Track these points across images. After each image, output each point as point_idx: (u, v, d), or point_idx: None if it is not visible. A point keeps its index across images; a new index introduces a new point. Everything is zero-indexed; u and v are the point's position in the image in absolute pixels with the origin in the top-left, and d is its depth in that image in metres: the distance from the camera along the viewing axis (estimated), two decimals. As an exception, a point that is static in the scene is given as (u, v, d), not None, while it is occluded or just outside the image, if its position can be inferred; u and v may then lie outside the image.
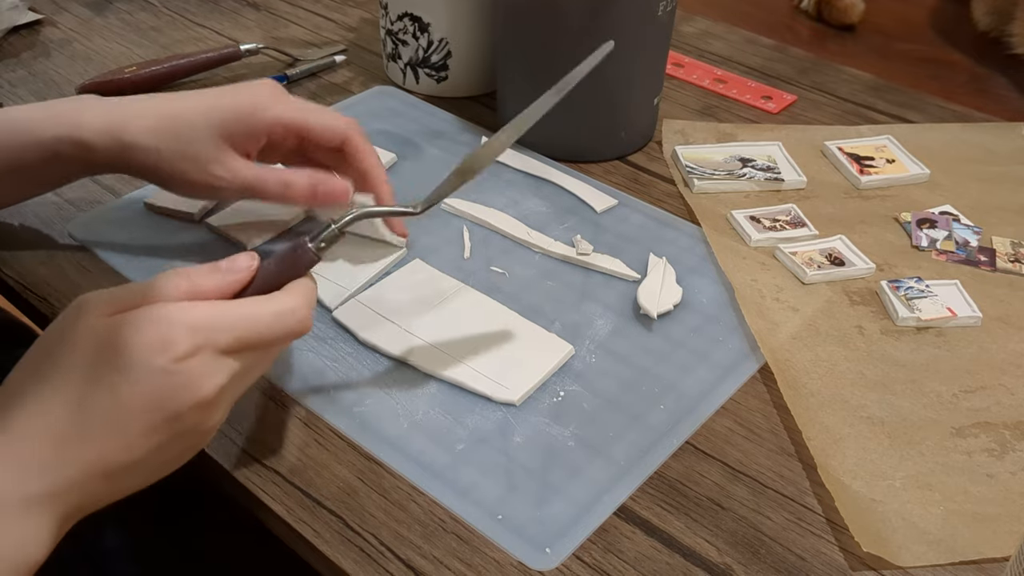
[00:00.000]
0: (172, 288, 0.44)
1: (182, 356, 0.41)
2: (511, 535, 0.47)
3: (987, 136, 0.80)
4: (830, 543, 0.47)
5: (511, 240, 0.66)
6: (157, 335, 0.41)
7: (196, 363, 0.42)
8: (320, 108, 0.61)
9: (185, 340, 0.41)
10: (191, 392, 0.42)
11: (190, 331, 0.42)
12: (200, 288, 0.45)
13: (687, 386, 0.55)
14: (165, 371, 0.41)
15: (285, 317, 0.45)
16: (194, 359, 0.42)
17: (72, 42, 0.89)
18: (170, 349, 0.41)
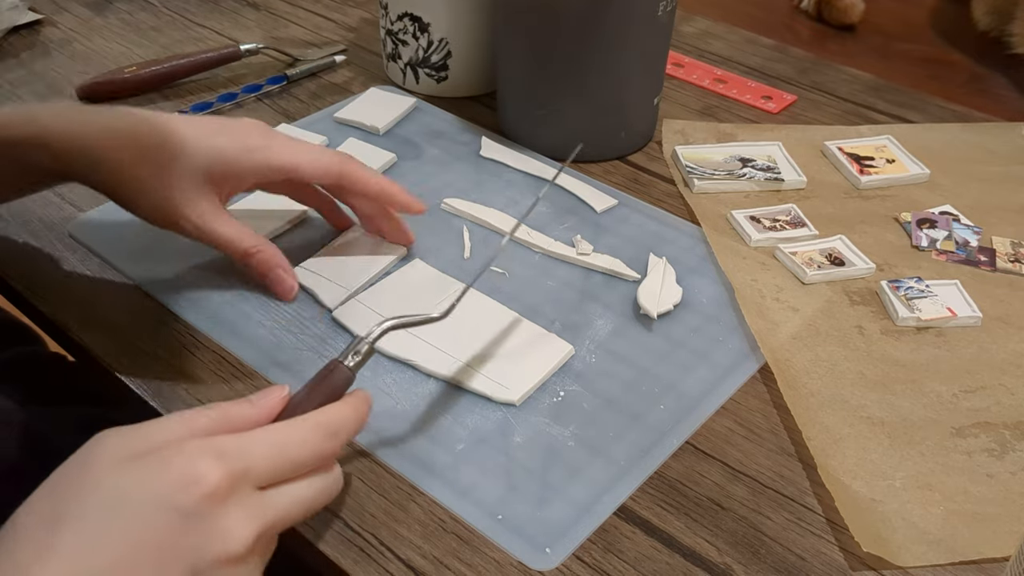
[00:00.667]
0: (200, 420, 0.39)
1: (210, 493, 0.36)
2: (511, 535, 0.47)
3: (987, 136, 0.80)
4: (830, 543, 0.47)
5: (511, 240, 0.66)
6: (183, 470, 0.36)
7: (228, 505, 0.36)
8: (311, 147, 0.59)
9: (214, 471, 0.36)
10: (221, 541, 0.36)
11: (220, 462, 0.36)
12: (230, 420, 0.40)
13: (687, 386, 0.55)
14: (186, 511, 0.35)
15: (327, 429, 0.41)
16: (225, 500, 0.36)
17: (72, 42, 0.89)
18: (196, 485, 0.36)
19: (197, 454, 0.37)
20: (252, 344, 0.57)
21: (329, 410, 0.42)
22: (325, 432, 0.41)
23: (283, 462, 0.39)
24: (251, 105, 0.81)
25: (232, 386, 0.54)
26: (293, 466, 0.40)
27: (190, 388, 0.54)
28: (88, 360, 0.57)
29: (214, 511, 0.36)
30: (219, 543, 0.36)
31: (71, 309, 0.59)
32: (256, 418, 0.41)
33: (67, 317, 0.59)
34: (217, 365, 0.56)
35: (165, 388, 0.54)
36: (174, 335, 0.58)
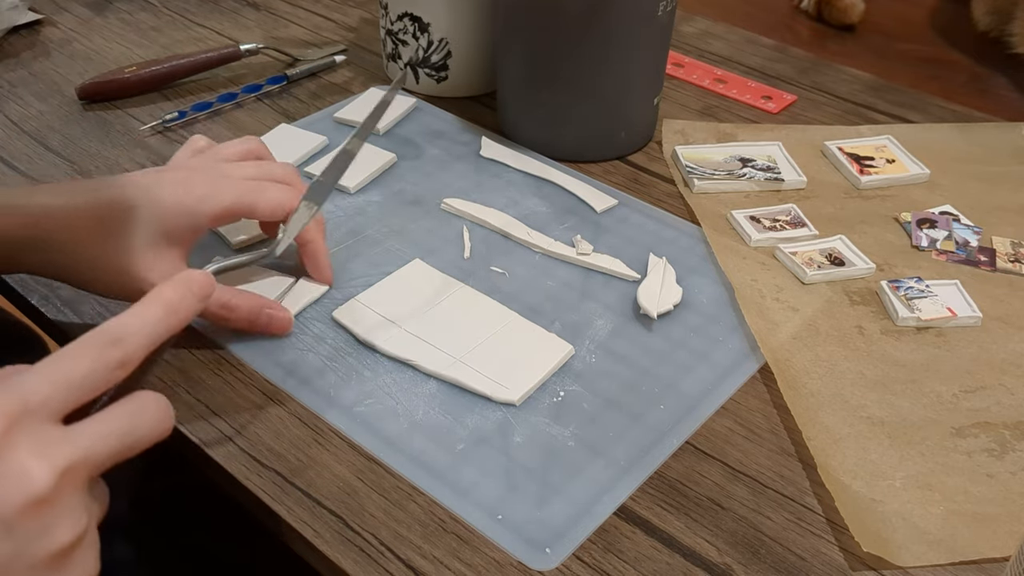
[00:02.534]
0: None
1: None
2: (511, 535, 0.47)
3: (987, 136, 0.80)
4: (830, 543, 0.47)
5: (511, 240, 0.66)
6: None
7: (13, 442, 0.33)
8: (256, 184, 0.55)
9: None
10: (14, 484, 0.32)
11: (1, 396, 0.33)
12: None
13: (687, 386, 0.55)
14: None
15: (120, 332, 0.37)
16: (8, 438, 0.33)
17: (72, 42, 0.89)
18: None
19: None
20: (252, 344, 0.57)
21: (107, 321, 0.38)
22: (105, 339, 0.37)
23: (61, 381, 0.35)
24: (251, 105, 0.81)
25: (232, 386, 0.54)
26: (72, 382, 0.35)
27: (190, 388, 0.54)
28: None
29: (4, 452, 0.33)
30: (14, 485, 0.32)
31: (71, 310, 0.59)
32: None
33: (67, 318, 0.59)
34: (217, 365, 0.56)
35: (165, 388, 0.54)
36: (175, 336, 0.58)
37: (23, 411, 0.34)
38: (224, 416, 0.53)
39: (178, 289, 0.41)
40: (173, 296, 0.40)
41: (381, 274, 0.62)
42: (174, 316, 0.40)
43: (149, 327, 0.39)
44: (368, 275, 0.62)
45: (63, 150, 0.74)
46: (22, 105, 0.80)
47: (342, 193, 0.70)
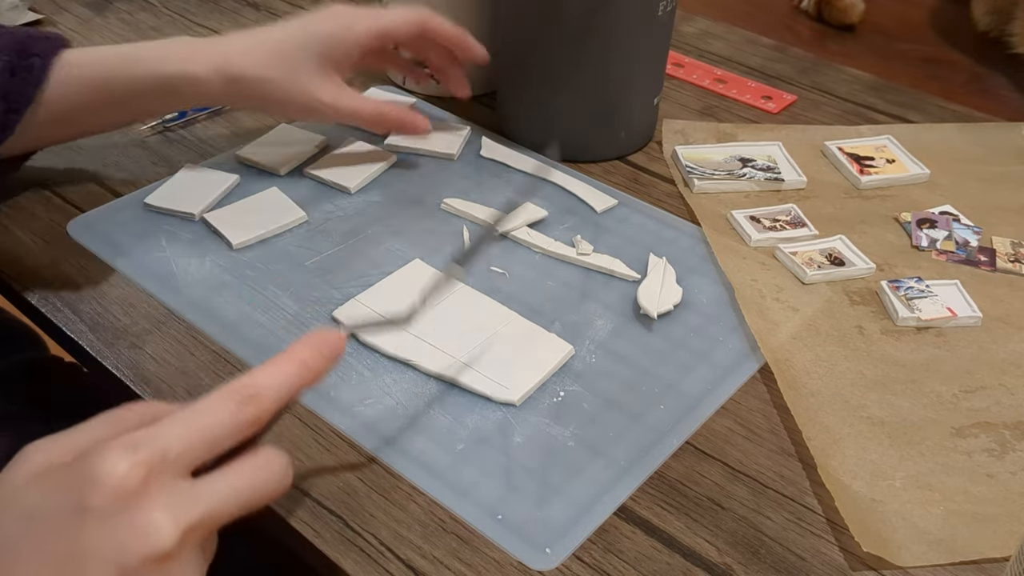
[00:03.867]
0: (128, 417, 0.36)
1: (122, 489, 0.32)
2: (511, 535, 0.47)
3: (987, 136, 0.80)
4: (830, 543, 0.47)
5: (511, 240, 0.66)
6: (84, 471, 0.33)
7: (148, 497, 0.33)
8: (391, 10, 0.69)
9: (122, 466, 0.33)
10: (143, 538, 0.33)
11: (129, 452, 0.33)
12: (159, 411, 0.37)
13: (687, 386, 0.55)
14: (100, 511, 0.32)
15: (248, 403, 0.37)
16: (142, 493, 0.33)
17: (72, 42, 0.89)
18: (102, 482, 0.32)
19: (107, 450, 0.34)
20: (252, 344, 0.57)
21: (242, 377, 0.39)
22: (239, 397, 0.37)
23: (197, 437, 0.36)
24: (251, 105, 0.81)
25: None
26: (209, 438, 0.36)
27: (190, 388, 0.54)
28: (87, 361, 0.57)
29: (131, 505, 0.33)
30: (142, 538, 0.33)
31: (71, 309, 0.59)
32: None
33: (67, 317, 0.59)
34: (217, 365, 0.56)
35: (165, 388, 0.54)
36: (174, 335, 0.58)
37: (162, 464, 0.34)
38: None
39: (312, 349, 0.41)
40: (308, 356, 0.41)
41: (381, 274, 0.62)
42: (307, 374, 0.41)
43: (285, 386, 0.39)
44: (368, 275, 0.62)
45: (63, 150, 0.74)
46: (22, 105, 0.79)
47: (342, 193, 0.70)
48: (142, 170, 0.72)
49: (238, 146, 0.74)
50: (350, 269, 0.63)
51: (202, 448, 0.36)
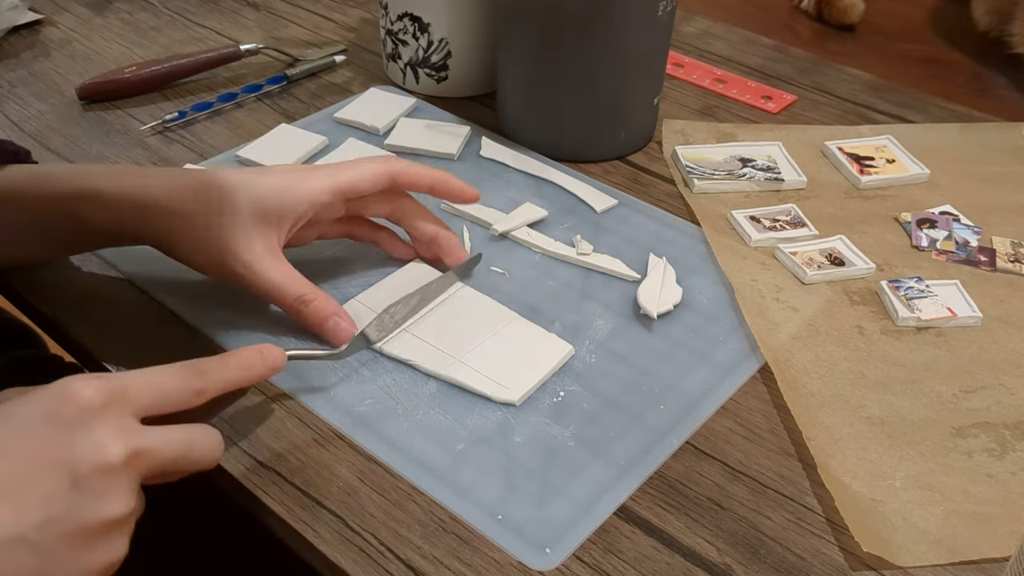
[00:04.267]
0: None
1: (86, 406, 0.39)
2: (511, 535, 0.47)
3: (987, 136, 0.80)
4: (830, 543, 0.47)
5: (511, 240, 0.66)
6: (60, 387, 0.39)
7: (105, 417, 0.39)
8: (354, 162, 0.58)
9: (89, 388, 0.39)
10: (95, 448, 0.38)
11: (97, 380, 0.40)
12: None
13: (687, 386, 0.55)
14: (65, 419, 0.38)
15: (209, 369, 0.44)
16: (101, 413, 0.39)
17: (72, 42, 0.89)
18: (72, 398, 0.39)
19: (80, 376, 0.40)
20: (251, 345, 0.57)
21: (200, 358, 0.46)
22: (193, 370, 0.44)
23: (153, 386, 0.42)
24: (251, 105, 0.81)
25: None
26: (160, 391, 0.42)
27: (190, 388, 0.54)
28: (87, 360, 0.57)
29: (89, 421, 0.39)
30: (94, 449, 0.38)
31: (71, 309, 0.59)
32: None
33: (67, 317, 0.59)
34: (217, 365, 0.56)
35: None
36: (174, 335, 0.58)
37: (121, 396, 0.40)
38: (224, 416, 0.52)
39: (255, 355, 0.48)
40: (251, 358, 0.48)
41: (381, 274, 0.62)
42: (246, 372, 0.47)
43: (228, 373, 0.46)
44: (368, 275, 0.62)
45: (63, 150, 0.74)
46: (22, 105, 0.80)
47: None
48: (142, 170, 0.72)
49: (238, 146, 0.74)
50: (350, 269, 0.63)
51: (154, 396, 0.42)
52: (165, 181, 0.55)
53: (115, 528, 0.39)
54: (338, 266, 0.63)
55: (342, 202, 0.58)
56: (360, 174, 0.57)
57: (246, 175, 0.56)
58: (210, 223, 0.54)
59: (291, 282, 0.55)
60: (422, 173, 0.59)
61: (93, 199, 0.54)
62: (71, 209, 0.55)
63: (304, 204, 0.55)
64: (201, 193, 0.54)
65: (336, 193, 0.57)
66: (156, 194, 0.54)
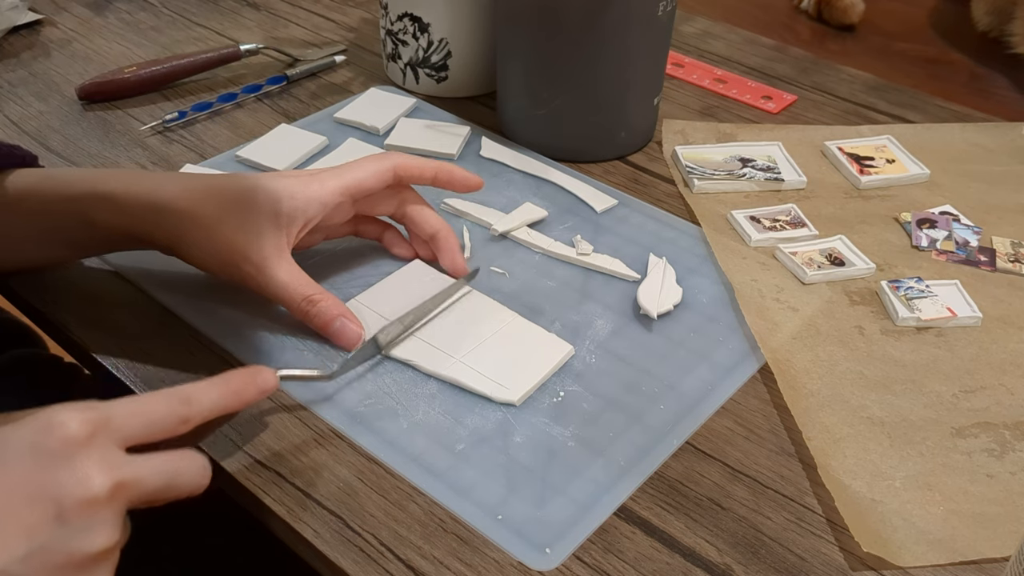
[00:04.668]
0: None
1: (71, 438, 0.38)
2: (511, 535, 0.47)
3: (987, 136, 0.80)
4: (830, 543, 0.47)
5: (511, 240, 0.66)
6: (44, 418, 0.39)
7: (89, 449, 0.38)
8: (357, 161, 0.59)
9: (74, 421, 0.38)
10: (79, 482, 0.38)
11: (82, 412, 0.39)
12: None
13: (687, 386, 0.55)
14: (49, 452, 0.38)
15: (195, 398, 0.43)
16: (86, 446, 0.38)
17: (72, 42, 0.89)
18: (56, 429, 0.38)
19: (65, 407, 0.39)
20: (253, 345, 0.57)
21: (187, 384, 0.44)
22: (179, 398, 0.43)
23: (137, 415, 0.41)
24: (251, 105, 0.81)
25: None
26: (146, 420, 0.41)
27: (190, 388, 0.54)
28: (87, 361, 0.57)
29: (73, 454, 0.38)
30: (79, 483, 0.38)
31: (71, 309, 0.59)
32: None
33: (67, 317, 0.59)
34: (217, 366, 0.56)
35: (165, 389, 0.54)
36: (174, 336, 0.58)
37: (105, 427, 0.39)
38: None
39: (244, 378, 0.47)
40: (239, 383, 0.46)
41: (381, 274, 0.62)
42: (235, 397, 0.46)
43: (214, 400, 0.45)
44: (368, 275, 0.62)
45: (63, 150, 0.74)
46: (22, 105, 0.80)
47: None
48: (141, 170, 0.72)
49: (238, 146, 0.74)
50: (350, 270, 0.63)
51: (139, 425, 0.41)
52: (177, 183, 0.55)
53: (100, 560, 0.39)
54: (338, 266, 0.63)
55: (351, 203, 0.59)
56: (365, 172, 0.58)
57: (257, 179, 0.56)
58: (221, 224, 0.54)
59: (299, 283, 0.55)
60: (424, 165, 0.60)
61: (105, 200, 0.54)
62: (82, 211, 0.55)
63: (315, 206, 0.56)
64: (213, 195, 0.54)
65: (345, 193, 0.57)
66: (168, 195, 0.54)
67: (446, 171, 0.61)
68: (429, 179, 0.60)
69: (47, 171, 0.58)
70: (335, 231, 0.62)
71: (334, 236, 0.63)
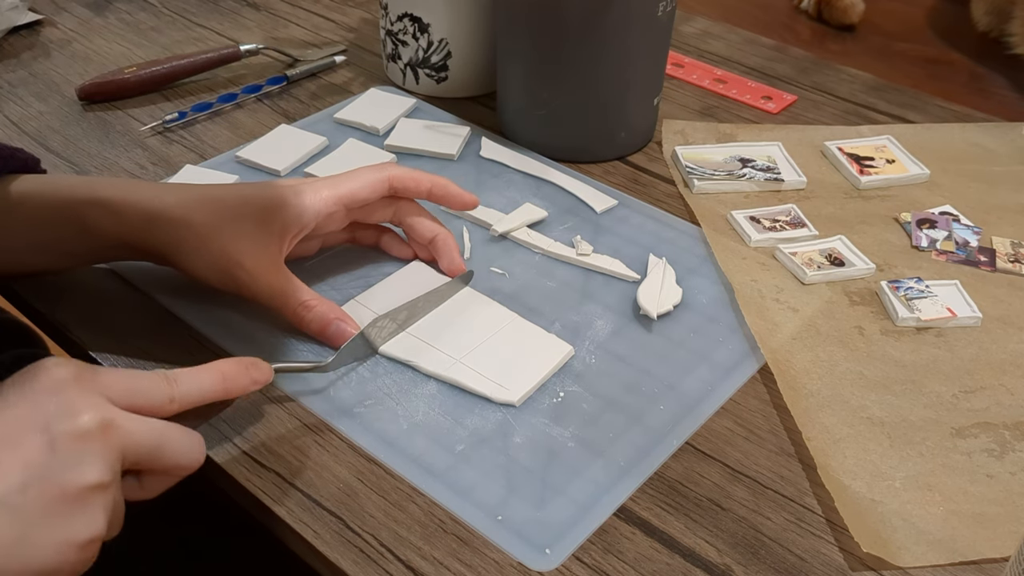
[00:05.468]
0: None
1: (60, 378, 0.40)
2: (511, 536, 0.47)
3: (987, 136, 0.80)
4: (830, 544, 0.47)
5: (511, 240, 0.66)
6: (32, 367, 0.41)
7: (79, 388, 0.41)
8: (353, 171, 0.59)
9: (62, 363, 0.41)
10: (69, 413, 0.39)
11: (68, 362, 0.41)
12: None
13: (687, 386, 0.55)
14: (40, 389, 0.40)
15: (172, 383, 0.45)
16: (75, 384, 0.41)
17: (72, 42, 0.89)
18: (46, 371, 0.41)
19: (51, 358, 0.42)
20: (253, 345, 0.57)
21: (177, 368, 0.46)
22: (165, 376, 0.45)
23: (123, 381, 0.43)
24: (251, 106, 0.81)
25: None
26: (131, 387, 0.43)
27: (190, 389, 0.54)
28: (86, 360, 0.57)
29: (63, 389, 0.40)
30: (69, 415, 0.39)
31: (70, 309, 0.59)
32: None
33: (67, 317, 0.59)
34: (217, 366, 0.56)
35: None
36: (174, 336, 0.58)
37: (92, 378, 0.41)
38: (224, 418, 0.53)
39: (237, 367, 0.48)
40: (230, 370, 0.47)
41: (381, 275, 0.62)
42: (224, 383, 0.47)
43: (202, 383, 0.46)
44: (368, 276, 0.62)
45: (63, 151, 0.74)
46: (22, 106, 0.80)
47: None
48: (142, 170, 0.72)
49: (238, 147, 0.74)
50: (350, 270, 0.63)
51: (125, 387, 0.42)
52: (173, 193, 0.55)
53: (93, 496, 0.39)
54: (338, 266, 0.63)
55: (344, 212, 0.59)
56: (360, 183, 0.58)
57: (252, 188, 0.57)
58: (216, 232, 0.54)
59: (293, 289, 0.56)
60: (420, 178, 0.60)
61: (102, 208, 0.55)
62: (81, 217, 0.55)
63: (308, 215, 0.56)
64: (208, 204, 0.55)
65: (338, 203, 0.57)
66: (165, 204, 0.55)
67: (441, 186, 0.61)
68: (424, 192, 0.61)
69: (45, 178, 0.58)
70: (331, 239, 0.62)
71: (331, 244, 0.63)
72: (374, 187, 0.59)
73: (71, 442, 0.39)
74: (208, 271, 0.55)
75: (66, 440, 0.39)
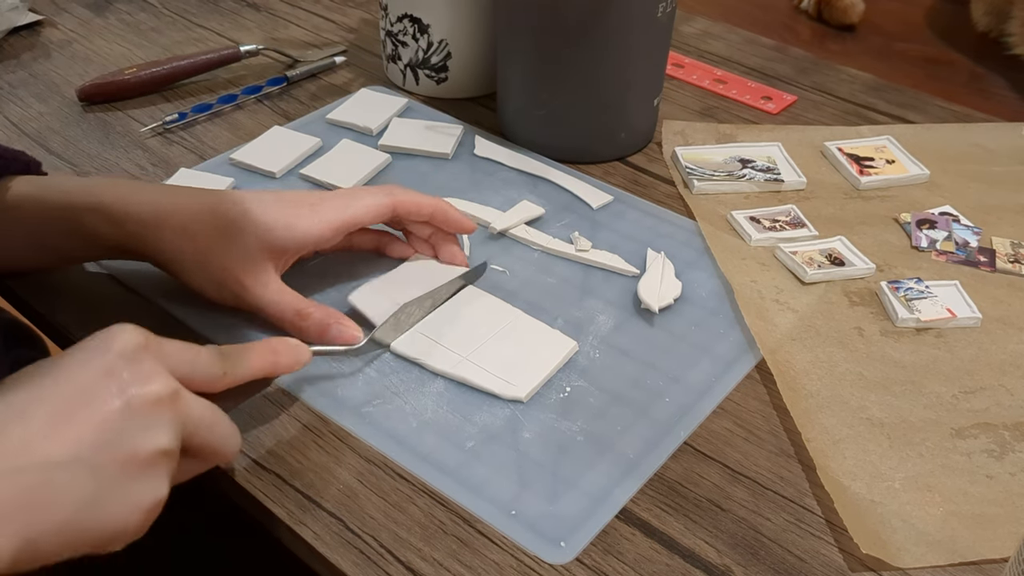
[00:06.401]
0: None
1: (133, 343, 0.41)
2: (525, 530, 0.47)
3: (987, 136, 0.80)
4: (829, 544, 0.47)
5: (509, 238, 0.66)
6: (103, 333, 0.42)
7: (151, 355, 0.41)
8: (355, 193, 0.60)
9: (132, 330, 0.42)
10: (144, 380, 0.40)
11: (137, 329, 0.42)
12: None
13: (691, 379, 0.56)
14: (116, 353, 0.41)
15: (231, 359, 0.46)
16: (146, 351, 0.41)
17: (72, 43, 0.89)
18: (118, 335, 0.41)
19: (119, 325, 0.42)
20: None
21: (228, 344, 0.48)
22: (220, 351, 0.47)
23: (186, 352, 0.44)
24: (251, 107, 0.81)
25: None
26: (192, 359, 0.44)
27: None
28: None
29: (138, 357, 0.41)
30: (144, 380, 0.40)
31: (71, 310, 0.60)
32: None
33: (67, 318, 0.59)
34: (217, 366, 0.56)
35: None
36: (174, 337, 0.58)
37: (158, 347, 0.42)
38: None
39: (285, 347, 0.50)
40: (280, 348, 0.50)
41: (382, 273, 0.62)
42: (273, 358, 0.49)
43: (253, 360, 0.48)
44: (369, 275, 0.62)
45: (63, 152, 0.74)
46: (22, 106, 0.80)
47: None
48: (142, 171, 0.72)
49: (235, 148, 0.74)
50: (349, 270, 0.63)
51: (185, 361, 0.44)
52: (173, 199, 0.56)
53: (161, 462, 0.40)
54: (339, 266, 0.63)
55: (345, 234, 0.59)
56: (364, 209, 0.59)
57: (256, 202, 0.57)
58: (214, 245, 0.55)
59: (288, 300, 0.56)
60: (422, 203, 0.60)
61: (102, 213, 0.55)
62: (79, 223, 0.55)
63: (310, 241, 0.57)
64: (208, 215, 0.55)
65: (340, 231, 0.58)
66: (164, 212, 0.55)
67: (442, 211, 0.61)
68: (426, 217, 0.61)
69: (45, 179, 0.58)
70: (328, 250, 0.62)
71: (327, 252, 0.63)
72: (378, 212, 0.59)
73: (146, 407, 0.40)
74: (206, 284, 0.56)
75: (141, 404, 0.40)
